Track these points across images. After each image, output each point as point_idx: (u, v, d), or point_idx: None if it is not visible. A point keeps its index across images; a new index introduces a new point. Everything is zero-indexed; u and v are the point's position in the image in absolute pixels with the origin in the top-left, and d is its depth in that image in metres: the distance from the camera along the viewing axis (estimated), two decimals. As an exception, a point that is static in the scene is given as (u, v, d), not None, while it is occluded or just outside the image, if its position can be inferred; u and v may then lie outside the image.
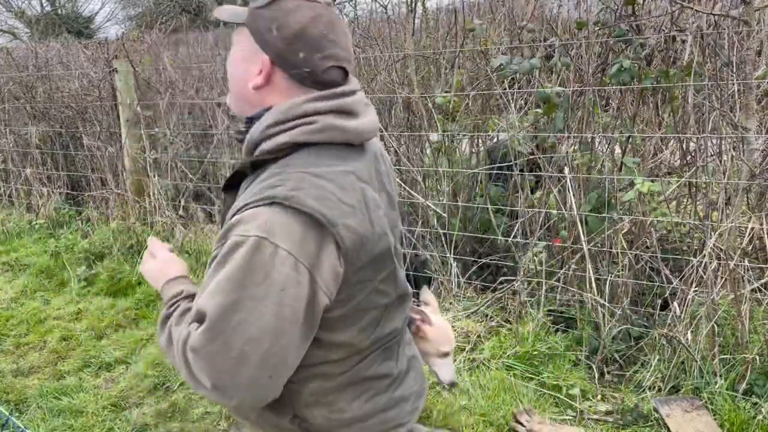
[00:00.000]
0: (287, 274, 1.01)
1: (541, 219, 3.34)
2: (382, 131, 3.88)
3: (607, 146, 3.28)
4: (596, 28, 3.16)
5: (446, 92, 3.64)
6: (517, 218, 3.44)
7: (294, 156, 1.12)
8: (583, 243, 2.99)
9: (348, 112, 1.16)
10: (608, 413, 2.63)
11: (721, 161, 2.97)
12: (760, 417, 2.44)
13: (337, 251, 1.06)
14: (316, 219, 1.04)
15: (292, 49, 1.12)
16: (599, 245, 3.07)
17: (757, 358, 2.58)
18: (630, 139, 3.22)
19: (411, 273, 3.62)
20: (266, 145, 1.14)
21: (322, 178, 1.08)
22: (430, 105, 3.75)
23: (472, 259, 3.59)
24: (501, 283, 3.41)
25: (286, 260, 1.01)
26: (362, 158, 1.19)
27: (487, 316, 3.28)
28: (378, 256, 1.14)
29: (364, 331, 1.17)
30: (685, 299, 2.76)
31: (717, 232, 2.72)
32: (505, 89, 3.61)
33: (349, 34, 1.20)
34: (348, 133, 1.14)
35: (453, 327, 3.25)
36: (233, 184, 1.22)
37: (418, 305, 1.52)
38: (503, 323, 3.24)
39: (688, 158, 3.26)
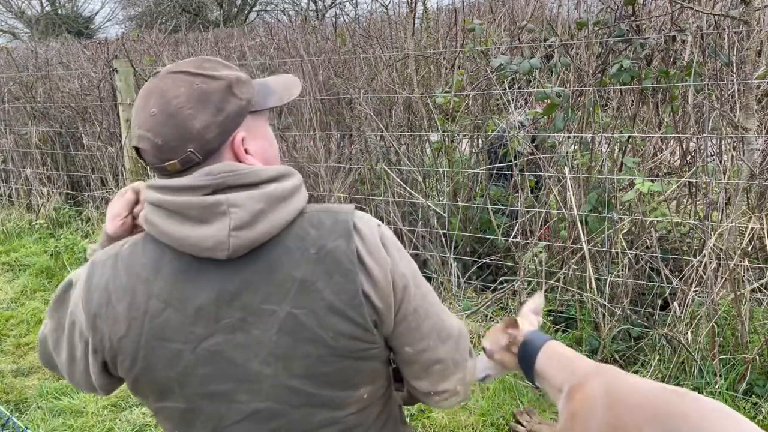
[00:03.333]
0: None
1: (541, 219, 3.34)
2: (382, 131, 3.88)
3: (607, 146, 3.28)
4: (596, 28, 3.17)
5: (446, 92, 3.64)
6: (517, 218, 3.44)
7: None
8: (583, 243, 2.99)
9: (171, 212, 0.98)
10: (608, 413, 2.63)
11: (721, 161, 2.97)
12: (760, 417, 2.44)
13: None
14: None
15: None
16: (599, 245, 3.07)
17: (757, 358, 2.58)
18: (630, 139, 3.22)
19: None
20: None
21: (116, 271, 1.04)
22: (430, 105, 3.75)
23: (472, 259, 3.59)
24: (501, 283, 3.41)
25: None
26: (189, 273, 1.00)
27: (487, 316, 3.28)
28: (137, 380, 1.05)
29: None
30: (685, 299, 2.76)
31: (717, 232, 2.72)
32: (505, 89, 3.61)
33: (178, 119, 0.97)
34: (161, 234, 0.99)
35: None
36: None
37: None
38: (503, 323, 3.24)
39: (688, 158, 3.26)
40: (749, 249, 2.99)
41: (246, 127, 1.03)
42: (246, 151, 1.03)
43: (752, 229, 2.81)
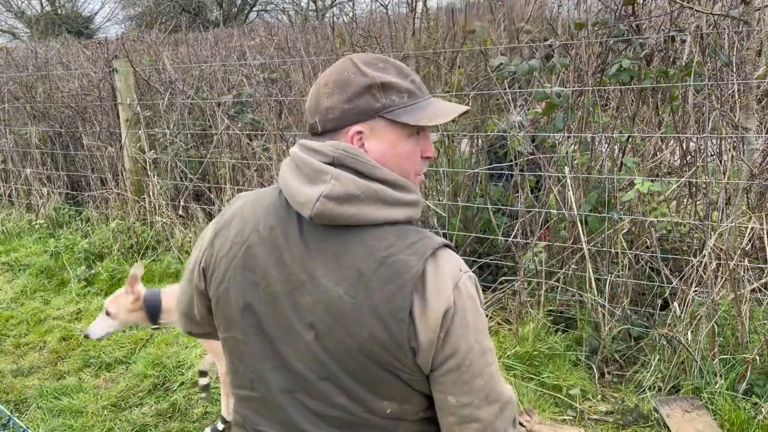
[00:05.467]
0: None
1: (541, 219, 3.34)
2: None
3: (607, 146, 3.28)
4: (596, 29, 3.16)
5: (446, 92, 3.64)
6: (517, 218, 3.44)
7: None
8: (583, 243, 2.99)
9: (296, 166, 1.12)
10: (608, 413, 2.63)
11: (721, 161, 2.97)
12: (760, 417, 2.44)
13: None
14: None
15: None
16: (599, 245, 3.07)
17: (757, 358, 2.58)
18: (630, 139, 3.22)
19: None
20: None
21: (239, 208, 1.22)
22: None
23: (472, 259, 3.59)
24: (501, 283, 3.41)
25: None
26: (288, 224, 1.12)
27: (487, 316, 3.28)
28: (218, 300, 1.19)
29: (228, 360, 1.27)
30: (685, 299, 2.76)
31: (717, 232, 2.72)
32: (505, 89, 3.61)
33: (320, 92, 1.13)
34: (282, 181, 1.13)
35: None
36: None
37: None
38: (503, 323, 3.24)
39: (688, 158, 3.26)
40: (749, 249, 2.99)
41: (370, 127, 1.10)
42: (362, 147, 1.11)
43: (752, 229, 2.81)
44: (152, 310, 2.32)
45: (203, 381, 2.71)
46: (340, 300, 1.05)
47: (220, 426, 2.63)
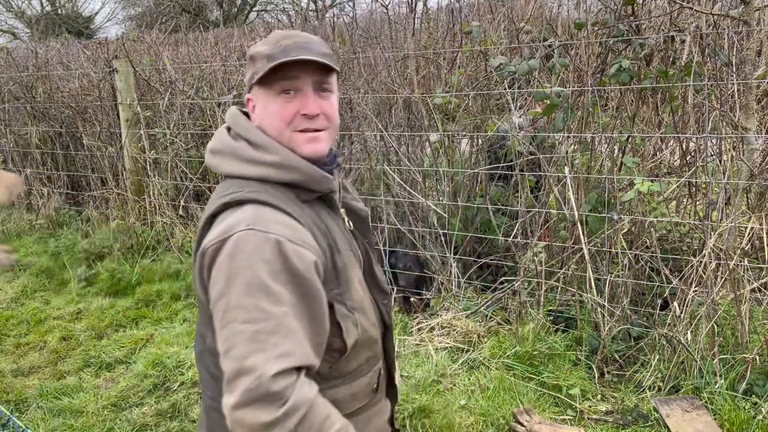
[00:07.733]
0: None
1: (541, 219, 3.34)
2: (382, 131, 3.88)
3: (606, 146, 3.28)
4: (595, 29, 3.17)
5: (446, 92, 3.64)
6: (517, 218, 3.44)
7: None
8: (583, 243, 2.99)
9: None
10: (608, 413, 2.63)
11: (721, 161, 2.97)
12: (760, 417, 2.44)
13: None
14: None
15: None
16: (599, 245, 3.07)
17: (757, 358, 2.58)
18: (630, 139, 3.22)
19: (416, 273, 3.61)
20: None
21: None
22: (429, 105, 3.75)
23: (472, 259, 3.59)
24: (501, 283, 3.41)
25: None
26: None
27: (486, 316, 3.28)
28: None
29: None
30: (685, 299, 2.76)
31: (717, 232, 2.72)
32: (505, 89, 3.61)
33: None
34: None
35: (453, 327, 3.25)
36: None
37: None
38: (503, 323, 3.24)
39: (687, 158, 3.26)
40: (749, 249, 2.99)
41: (254, 94, 1.25)
42: (253, 111, 1.26)
43: (752, 229, 2.81)
44: None
45: None
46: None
47: None
